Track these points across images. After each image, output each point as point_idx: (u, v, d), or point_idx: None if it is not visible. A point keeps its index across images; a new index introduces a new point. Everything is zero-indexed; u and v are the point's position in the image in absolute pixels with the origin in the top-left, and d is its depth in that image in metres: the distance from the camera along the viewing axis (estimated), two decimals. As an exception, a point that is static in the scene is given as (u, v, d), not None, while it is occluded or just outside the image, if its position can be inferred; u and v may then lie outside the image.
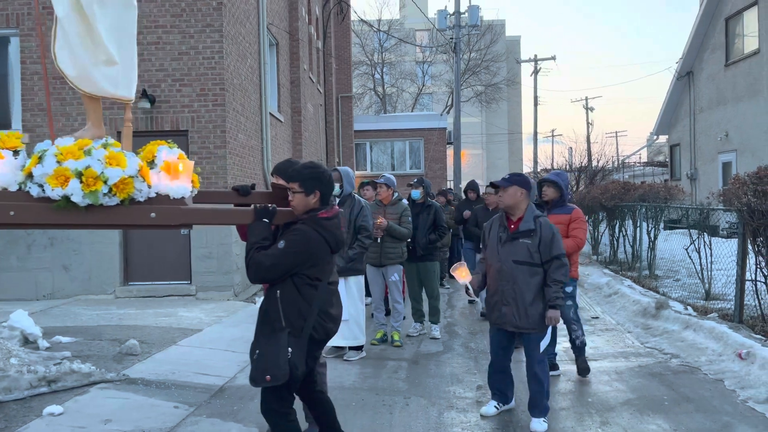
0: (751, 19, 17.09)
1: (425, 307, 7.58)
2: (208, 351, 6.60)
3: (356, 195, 6.42)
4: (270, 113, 12.18)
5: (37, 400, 4.92)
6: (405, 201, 7.22)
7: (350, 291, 6.13)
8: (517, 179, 4.56)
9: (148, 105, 9.46)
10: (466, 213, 8.94)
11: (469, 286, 4.67)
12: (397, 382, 5.67)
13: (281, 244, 3.35)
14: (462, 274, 4.60)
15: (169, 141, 3.62)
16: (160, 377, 5.61)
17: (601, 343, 7.01)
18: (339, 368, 5.97)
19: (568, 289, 5.32)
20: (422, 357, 6.52)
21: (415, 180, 7.76)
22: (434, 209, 7.46)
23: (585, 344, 5.73)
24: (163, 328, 7.51)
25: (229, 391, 5.37)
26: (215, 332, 7.41)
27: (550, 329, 4.56)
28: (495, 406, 4.75)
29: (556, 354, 5.79)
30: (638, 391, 5.28)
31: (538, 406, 4.51)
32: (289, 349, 3.31)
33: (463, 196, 10.77)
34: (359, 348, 6.35)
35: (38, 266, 9.65)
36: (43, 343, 6.34)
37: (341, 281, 5.63)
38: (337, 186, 5.77)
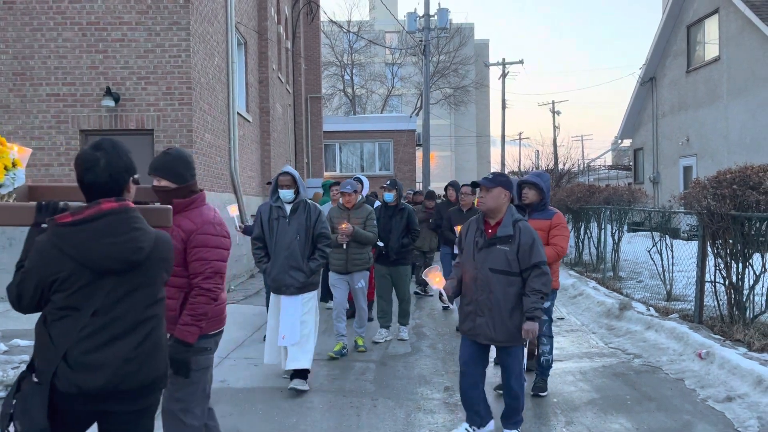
0: (711, 27, 17.55)
1: (395, 309, 7.48)
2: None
3: (311, 201, 5.97)
4: (238, 113, 12.06)
5: (-6, 405, 4.77)
6: (369, 205, 6.85)
7: (295, 310, 5.30)
8: (502, 180, 4.17)
9: (112, 103, 9.27)
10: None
11: (443, 292, 4.31)
12: (365, 383, 5.66)
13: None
14: (435, 279, 4.28)
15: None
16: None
17: (566, 344, 7.11)
18: (306, 370, 5.92)
19: (546, 304, 5.00)
20: (390, 358, 6.52)
21: (388, 182, 7.37)
22: (407, 212, 7.20)
23: (550, 365, 5.31)
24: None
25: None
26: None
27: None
28: (466, 429, 4.30)
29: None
30: (602, 391, 5.37)
31: (512, 418, 4.31)
32: (30, 398, 2.36)
33: (443, 196, 10.06)
34: (304, 376, 5.35)
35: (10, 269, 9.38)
36: (1, 347, 6.17)
37: (288, 299, 5.32)
38: (291, 192, 5.34)
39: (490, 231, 4.14)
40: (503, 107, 38.81)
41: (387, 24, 41.95)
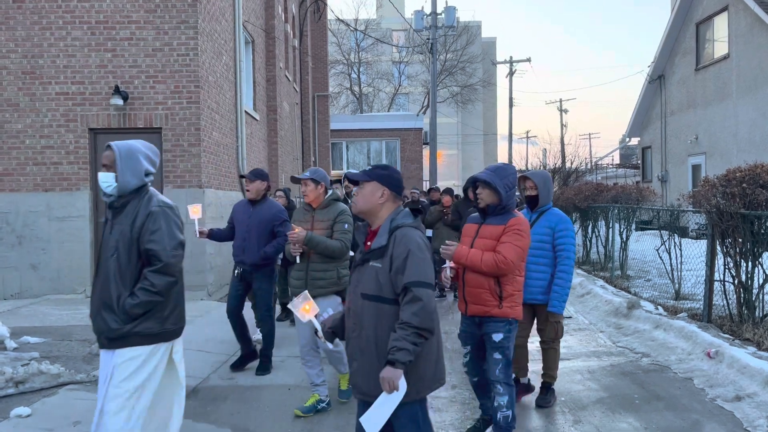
0: (721, 25, 17.44)
1: None
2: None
3: (271, 198, 5.52)
4: (245, 111, 12.09)
5: (5, 401, 4.82)
6: (342, 203, 5.00)
7: (104, 376, 3.26)
8: (380, 173, 3.02)
9: (120, 102, 9.31)
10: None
11: (318, 329, 3.22)
12: (372, 381, 5.65)
13: None
14: (306, 308, 3.27)
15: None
16: (131, 378, 5.52)
17: (574, 343, 7.09)
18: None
19: (497, 337, 3.89)
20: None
21: (353, 172, 6.11)
22: None
23: (510, 422, 3.89)
24: (134, 328, 7.39)
25: (203, 392, 5.31)
26: (188, 332, 7.26)
27: (391, 398, 2.75)
28: None
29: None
30: (610, 390, 5.35)
31: None
32: None
33: (462, 195, 9.65)
34: None
35: (5, 265, 9.45)
36: (11, 344, 6.21)
37: (103, 355, 3.27)
38: (111, 176, 3.26)
39: (368, 242, 3.04)
40: (510, 105, 38.74)
41: (394, 22, 41.93)
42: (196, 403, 5.01)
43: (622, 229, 11.05)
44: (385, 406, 2.75)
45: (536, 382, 5.21)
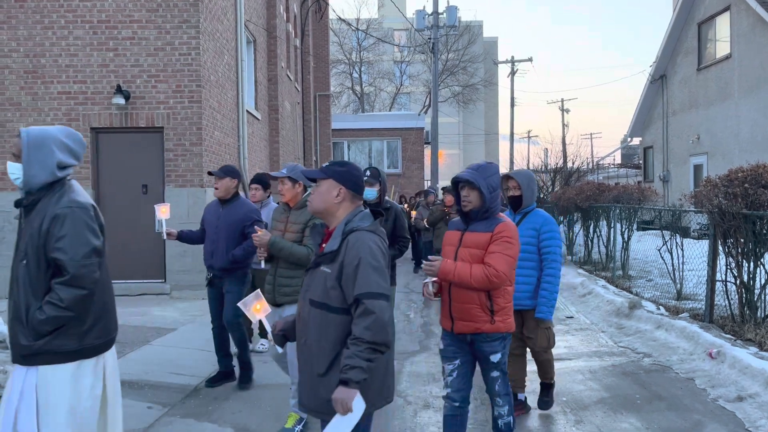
0: (723, 25, 17.42)
1: None
2: (182, 350, 6.53)
3: (243, 196, 5.33)
4: (247, 111, 12.09)
5: (6, 400, 4.81)
6: None
7: (10, 395, 2.81)
8: (336, 170, 2.78)
9: (122, 101, 9.32)
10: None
11: (269, 331, 3.02)
12: (374, 381, 5.65)
13: None
14: (257, 307, 3.10)
15: None
16: (133, 377, 5.53)
17: (576, 343, 7.09)
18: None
19: (495, 358, 3.56)
20: (398, 356, 6.53)
21: (367, 172, 5.04)
22: (394, 213, 5.17)
23: (511, 428, 3.73)
24: (136, 327, 7.41)
25: (204, 392, 5.31)
26: (190, 331, 7.33)
27: (347, 419, 2.55)
28: None
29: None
30: (611, 390, 5.35)
31: None
32: None
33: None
34: None
35: (6, 264, 9.44)
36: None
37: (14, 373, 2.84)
38: (17, 166, 2.90)
39: (323, 245, 2.85)
40: (512, 105, 38.71)
41: (395, 22, 41.93)
42: (198, 403, 5.02)
43: (623, 229, 11.04)
44: (339, 429, 2.53)
45: (534, 384, 5.21)
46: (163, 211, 5.25)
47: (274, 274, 4.47)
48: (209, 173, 5.43)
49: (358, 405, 2.54)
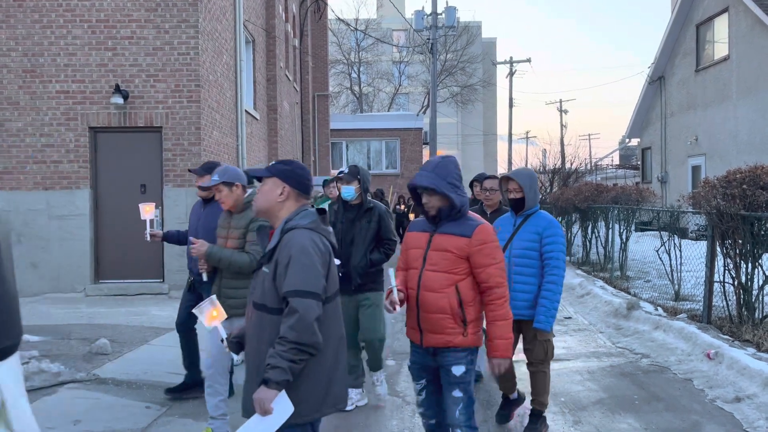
0: (721, 26, 17.45)
1: (364, 357, 5.17)
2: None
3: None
4: (246, 110, 12.09)
5: (4, 400, 4.80)
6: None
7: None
8: (281, 169, 2.74)
9: (121, 101, 9.31)
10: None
11: (224, 337, 2.92)
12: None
13: None
14: (213, 314, 2.93)
15: None
16: (131, 377, 5.53)
17: (574, 343, 7.09)
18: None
19: (457, 370, 3.17)
20: (397, 356, 6.53)
21: (345, 171, 4.89)
22: (377, 214, 4.88)
23: None
24: (134, 327, 7.40)
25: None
26: (188, 331, 7.31)
27: (268, 420, 2.47)
28: None
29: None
30: (610, 391, 5.36)
31: None
32: None
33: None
34: None
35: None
36: (11, 342, 6.18)
37: None
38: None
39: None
40: (510, 106, 38.74)
41: (394, 22, 41.92)
42: (197, 402, 5.02)
43: (621, 230, 11.05)
44: (258, 430, 2.43)
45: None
46: (146, 210, 4.95)
47: (219, 285, 4.17)
48: (189, 170, 5.04)
49: (283, 407, 2.44)
